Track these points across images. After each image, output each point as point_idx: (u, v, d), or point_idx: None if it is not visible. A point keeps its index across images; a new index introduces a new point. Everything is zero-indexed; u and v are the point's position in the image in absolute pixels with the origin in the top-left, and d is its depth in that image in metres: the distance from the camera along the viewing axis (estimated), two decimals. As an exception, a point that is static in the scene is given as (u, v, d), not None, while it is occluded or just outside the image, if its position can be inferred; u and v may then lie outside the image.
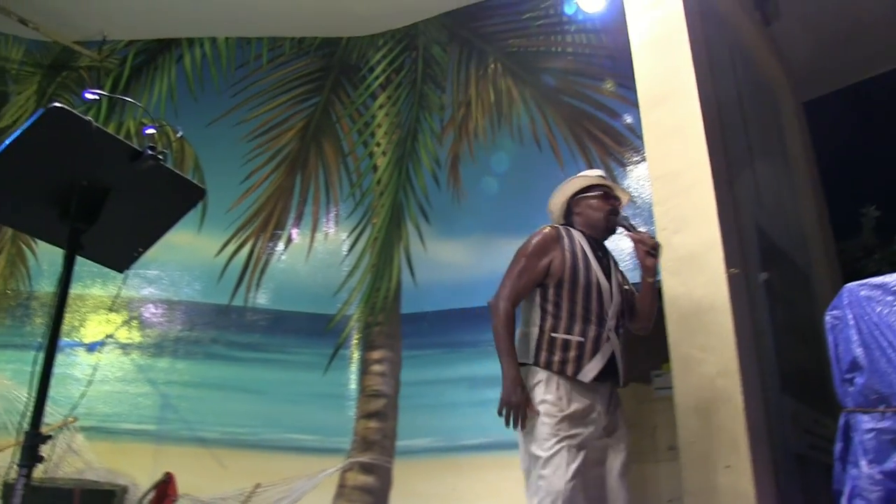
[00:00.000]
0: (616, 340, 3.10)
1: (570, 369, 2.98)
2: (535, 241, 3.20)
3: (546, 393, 2.96)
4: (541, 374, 3.01)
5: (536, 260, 3.14)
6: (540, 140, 6.79)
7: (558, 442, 2.86)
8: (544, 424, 2.91)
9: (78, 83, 7.70)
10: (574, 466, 2.82)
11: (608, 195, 3.38)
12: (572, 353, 3.01)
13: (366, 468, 6.36)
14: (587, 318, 3.08)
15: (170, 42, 7.88)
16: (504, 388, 2.97)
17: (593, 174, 3.53)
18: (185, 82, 7.71)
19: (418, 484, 6.20)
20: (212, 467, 6.24)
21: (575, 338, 3.04)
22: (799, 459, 4.37)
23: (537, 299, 3.16)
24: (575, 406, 2.95)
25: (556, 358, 3.01)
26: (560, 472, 2.80)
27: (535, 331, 3.11)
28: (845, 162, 7.41)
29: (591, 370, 3.00)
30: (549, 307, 3.12)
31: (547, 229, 3.24)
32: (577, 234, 3.30)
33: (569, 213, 3.45)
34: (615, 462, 3.03)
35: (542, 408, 2.94)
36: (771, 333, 4.54)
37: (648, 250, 3.13)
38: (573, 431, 2.90)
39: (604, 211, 3.33)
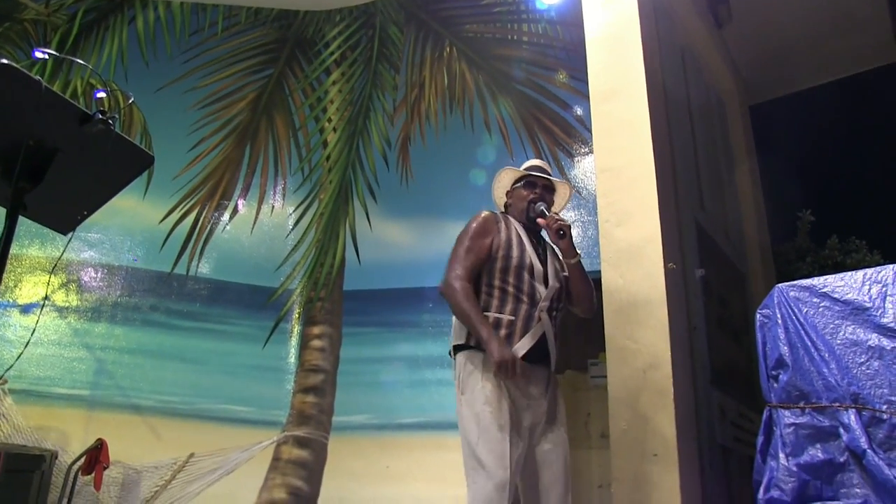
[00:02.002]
0: (548, 322, 3.12)
1: None
2: (475, 223, 3.24)
3: (484, 379, 2.97)
4: (475, 360, 3.03)
5: (480, 239, 3.17)
6: (490, 126, 6.85)
7: (499, 430, 2.87)
8: (484, 413, 2.91)
9: (21, 36, 7.46)
10: (514, 456, 2.85)
11: (534, 184, 3.43)
12: (503, 332, 3.03)
13: (301, 442, 6.38)
14: (519, 297, 3.10)
15: (122, 2, 7.72)
16: (490, 351, 2.91)
17: (530, 164, 3.58)
18: (136, 45, 7.56)
19: (353, 461, 6.25)
20: (145, 435, 6.20)
21: (506, 316, 3.07)
22: (723, 450, 4.51)
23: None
24: (514, 390, 2.98)
25: None
26: (502, 462, 2.81)
27: None
28: (786, 167, 7.60)
29: (521, 348, 3.02)
30: (483, 288, 3.15)
31: (484, 213, 3.29)
32: (513, 222, 3.37)
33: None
34: (553, 451, 3.03)
35: (482, 395, 2.95)
36: (704, 328, 4.66)
37: (556, 231, 3.12)
38: (513, 419, 2.92)
39: (526, 200, 3.38)
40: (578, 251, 3.24)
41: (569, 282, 3.33)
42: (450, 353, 3.22)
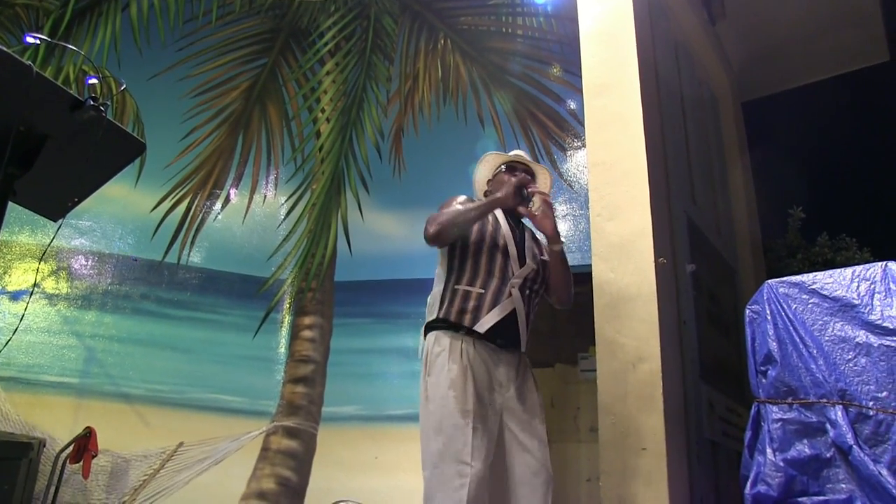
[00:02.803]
0: (520, 300, 3.06)
1: (467, 319, 2.95)
2: (455, 197, 3.23)
3: (451, 362, 2.89)
4: (443, 342, 2.95)
5: (461, 205, 3.15)
6: (484, 119, 6.86)
7: (462, 416, 2.78)
8: (449, 397, 2.82)
9: (13, 21, 7.37)
10: (477, 444, 2.75)
11: (514, 169, 3.41)
12: (471, 304, 2.98)
13: (290, 432, 6.38)
14: (490, 271, 3.06)
15: (116, -12, 7.68)
16: (501, 197, 3.11)
17: (511, 154, 3.56)
18: (129, 32, 7.49)
19: (342, 451, 6.26)
20: (135, 424, 6.19)
21: (476, 289, 3.02)
22: (712, 445, 4.53)
23: (445, 259, 3.16)
24: (481, 374, 2.91)
25: (455, 308, 2.99)
26: (464, 449, 2.72)
27: (441, 287, 3.11)
28: (778, 163, 7.63)
29: (488, 321, 2.95)
30: (455, 263, 3.11)
31: (463, 196, 3.27)
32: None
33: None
34: (529, 447, 2.91)
35: (447, 378, 2.86)
36: (694, 323, 4.67)
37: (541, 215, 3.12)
38: (479, 405, 2.84)
39: (510, 183, 3.27)
40: (563, 239, 3.19)
41: (546, 268, 3.28)
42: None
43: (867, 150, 7.80)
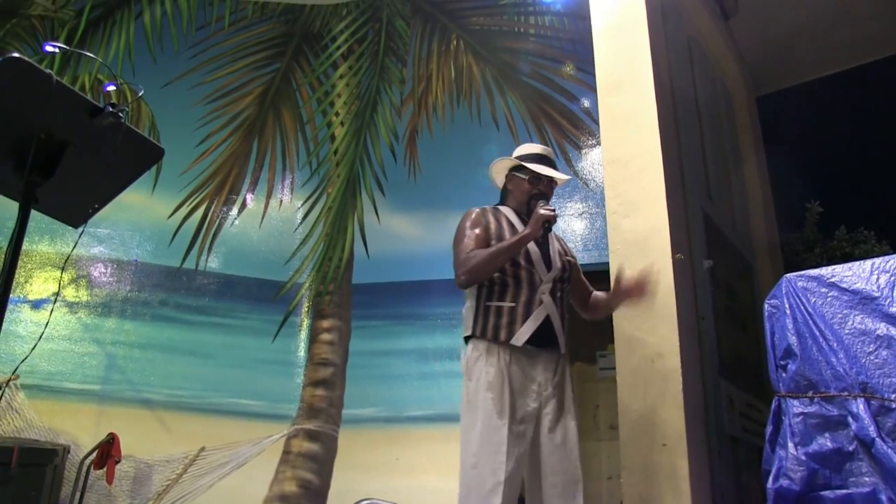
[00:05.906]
0: (551, 303, 3.10)
1: (503, 335, 3.00)
2: (467, 219, 3.24)
3: (488, 365, 2.97)
4: (480, 347, 3.03)
5: (475, 229, 3.17)
6: (498, 119, 6.85)
7: (499, 417, 2.87)
8: (486, 400, 2.91)
9: (29, 32, 7.41)
10: (512, 445, 2.84)
11: (539, 177, 3.34)
12: (504, 319, 3.03)
13: (311, 435, 6.40)
14: (518, 283, 3.09)
15: (129, -3, 7.73)
16: (525, 234, 3.00)
17: (537, 149, 3.48)
18: (143, 40, 7.53)
19: (363, 453, 6.27)
20: (156, 430, 6.23)
21: (506, 304, 3.06)
22: (732, 440, 4.51)
23: None
24: (517, 376, 2.98)
25: (490, 325, 3.04)
26: (499, 449, 2.81)
27: (473, 302, 3.14)
28: (793, 158, 7.58)
29: (523, 334, 3.01)
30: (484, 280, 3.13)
31: (474, 210, 3.29)
32: (505, 210, 3.35)
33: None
34: (562, 444, 2.98)
35: (485, 381, 2.94)
36: (712, 319, 4.65)
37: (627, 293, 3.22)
38: (514, 407, 2.91)
39: (527, 194, 3.32)
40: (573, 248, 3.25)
41: (577, 270, 3.36)
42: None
43: (884, 143, 7.73)
